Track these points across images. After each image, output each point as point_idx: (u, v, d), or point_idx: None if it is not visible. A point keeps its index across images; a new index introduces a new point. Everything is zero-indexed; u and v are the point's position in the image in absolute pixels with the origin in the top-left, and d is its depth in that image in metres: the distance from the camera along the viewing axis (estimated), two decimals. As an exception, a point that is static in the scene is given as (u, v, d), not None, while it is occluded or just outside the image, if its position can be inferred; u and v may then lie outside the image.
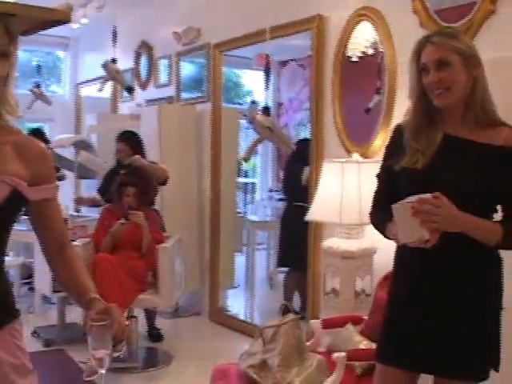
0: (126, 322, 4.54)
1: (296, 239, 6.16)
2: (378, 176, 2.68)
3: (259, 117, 3.44)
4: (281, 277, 7.27)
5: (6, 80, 1.93)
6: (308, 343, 3.81)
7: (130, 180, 5.23)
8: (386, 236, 2.55)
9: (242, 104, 9.28)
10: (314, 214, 4.40)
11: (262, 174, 9.71)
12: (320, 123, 5.03)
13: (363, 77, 4.82)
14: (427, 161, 2.40)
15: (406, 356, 2.50)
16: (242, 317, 6.43)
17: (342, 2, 4.87)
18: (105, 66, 5.07)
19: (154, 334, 5.76)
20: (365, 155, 4.56)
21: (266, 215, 8.61)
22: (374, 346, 3.59)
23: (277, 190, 8.73)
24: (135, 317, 5.19)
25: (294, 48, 6.71)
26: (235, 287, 7.11)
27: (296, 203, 6.27)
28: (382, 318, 2.65)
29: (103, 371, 1.81)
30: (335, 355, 3.39)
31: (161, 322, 5.98)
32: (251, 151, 3.55)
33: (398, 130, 2.58)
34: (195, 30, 6.58)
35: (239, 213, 7.77)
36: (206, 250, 6.53)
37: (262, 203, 8.89)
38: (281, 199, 8.38)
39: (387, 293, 2.69)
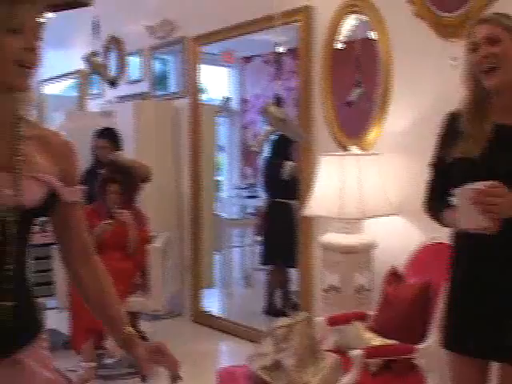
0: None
1: (280, 236, 6.10)
2: (432, 165, 2.63)
3: (272, 108, 3.33)
4: (258, 275, 7.17)
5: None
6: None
7: (114, 176, 5.05)
8: (442, 224, 2.55)
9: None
10: (312, 209, 4.30)
11: (227, 171, 9.57)
12: (309, 117, 4.93)
13: (351, 69, 4.74)
14: (479, 150, 2.36)
15: (469, 341, 2.46)
16: (223, 316, 6.28)
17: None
18: (87, 59, 4.89)
19: (139, 338, 5.57)
20: (359, 148, 4.47)
21: (233, 213, 8.51)
22: (388, 342, 3.54)
23: (244, 188, 8.61)
24: (122, 320, 5.00)
25: (259, 44, 6.60)
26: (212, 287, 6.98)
27: (277, 199, 6.20)
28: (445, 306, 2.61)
29: None
30: (352, 353, 3.30)
31: (142, 325, 5.79)
32: (263, 142, 3.44)
33: (451, 118, 2.52)
34: (170, 23, 6.41)
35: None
36: (185, 249, 6.38)
37: (229, 201, 8.76)
38: (250, 196, 8.29)
39: (448, 278, 2.60)
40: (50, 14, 7.56)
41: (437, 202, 2.56)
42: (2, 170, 1.70)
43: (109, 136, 5.59)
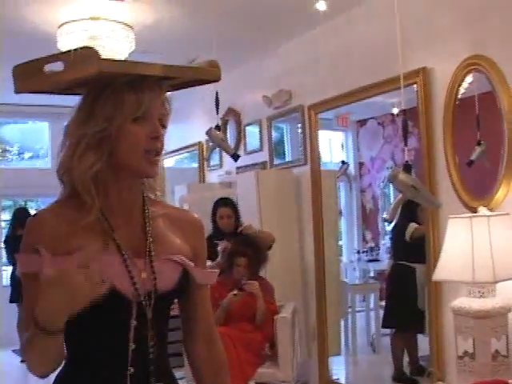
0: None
1: (401, 299, 6.00)
2: None
3: (401, 175, 3.28)
4: (383, 340, 7.03)
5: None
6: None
7: (242, 250, 5.09)
8: None
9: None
10: (443, 273, 4.18)
11: (347, 235, 9.50)
12: (433, 178, 4.85)
13: (471, 127, 4.65)
14: None
15: None
16: (351, 385, 6.18)
17: (447, 53, 4.74)
18: (209, 133, 5.00)
19: (265, 408, 5.53)
20: (487, 209, 4.35)
21: (355, 277, 8.41)
22: (532, 412, 3.37)
23: (365, 251, 8.51)
24: (251, 391, 4.99)
25: (373, 106, 6.60)
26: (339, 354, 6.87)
27: (400, 262, 6.10)
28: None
29: None
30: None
31: (269, 395, 5.75)
32: (395, 212, 3.40)
33: None
34: (287, 92, 6.52)
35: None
36: (311, 317, 6.32)
37: (350, 265, 8.67)
38: (371, 260, 8.19)
39: None
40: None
41: None
42: (139, 255, 1.71)
43: (232, 205, 5.67)
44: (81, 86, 1.70)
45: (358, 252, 8.65)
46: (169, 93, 1.80)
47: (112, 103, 1.65)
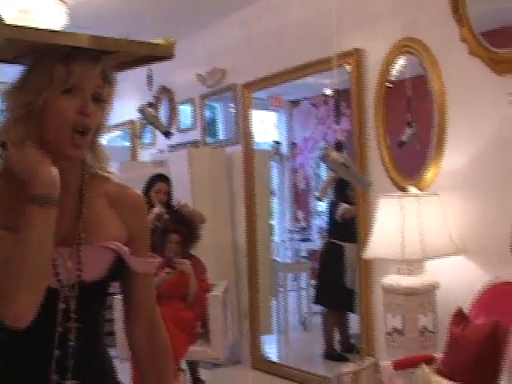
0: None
1: (331, 277, 6.09)
2: None
3: (334, 154, 3.31)
4: (314, 319, 7.11)
5: (98, 130, 1.71)
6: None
7: (176, 227, 5.07)
8: None
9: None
10: (373, 251, 4.25)
11: (279, 215, 9.54)
12: (364, 158, 4.91)
13: (403, 109, 4.72)
14: None
15: None
16: (282, 362, 6.21)
17: (379, 35, 4.79)
18: (141, 110, 4.92)
19: (200, 387, 5.55)
20: (417, 188, 4.42)
21: (286, 257, 8.47)
22: (458, 386, 3.44)
23: (296, 231, 8.58)
24: (183, 370, 4.99)
25: (306, 87, 6.63)
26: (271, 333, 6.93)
27: (331, 240, 6.19)
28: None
29: None
30: (423, 399, 3.22)
31: (202, 373, 5.75)
32: (326, 190, 3.43)
33: None
34: (220, 71, 6.50)
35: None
36: (243, 296, 6.36)
37: (282, 245, 8.72)
38: (302, 239, 8.27)
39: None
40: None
41: None
42: (67, 243, 1.64)
43: (166, 180, 5.65)
44: (24, 56, 1.62)
45: (290, 231, 8.71)
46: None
47: (42, 75, 1.58)
